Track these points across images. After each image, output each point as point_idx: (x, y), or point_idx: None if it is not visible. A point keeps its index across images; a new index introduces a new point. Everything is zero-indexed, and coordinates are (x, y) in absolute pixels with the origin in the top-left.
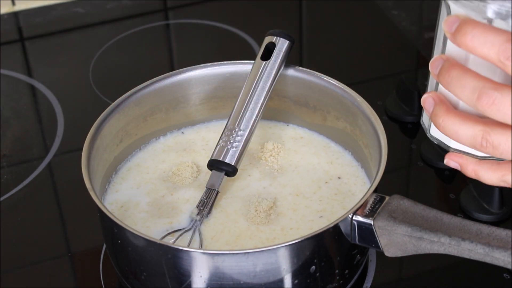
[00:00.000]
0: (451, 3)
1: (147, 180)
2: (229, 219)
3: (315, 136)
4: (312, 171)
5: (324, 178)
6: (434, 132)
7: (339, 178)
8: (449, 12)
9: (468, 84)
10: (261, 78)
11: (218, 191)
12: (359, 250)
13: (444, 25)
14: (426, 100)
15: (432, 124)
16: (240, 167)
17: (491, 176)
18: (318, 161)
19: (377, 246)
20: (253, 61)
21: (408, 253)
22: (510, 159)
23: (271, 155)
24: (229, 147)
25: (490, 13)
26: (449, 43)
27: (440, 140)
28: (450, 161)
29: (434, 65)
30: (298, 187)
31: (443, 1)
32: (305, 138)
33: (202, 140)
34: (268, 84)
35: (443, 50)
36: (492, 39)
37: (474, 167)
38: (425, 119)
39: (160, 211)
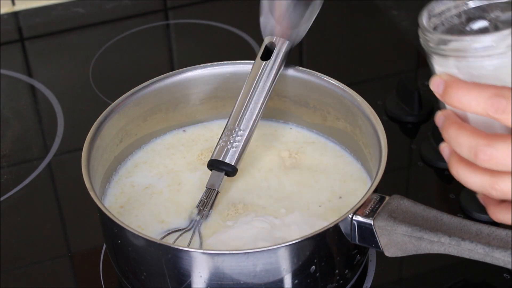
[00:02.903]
0: (433, 62)
1: (147, 180)
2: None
3: (315, 136)
4: (312, 171)
5: (324, 178)
6: None
7: (338, 178)
8: (433, 69)
9: (464, 143)
10: (261, 78)
11: (218, 191)
12: (359, 250)
13: (431, 87)
14: (443, 149)
15: None
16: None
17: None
18: (317, 161)
19: (377, 246)
20: (253, 61)
21: (408, 253)
22: None
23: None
24: (229, 147)
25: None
26: None
27: None
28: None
29: (437, 122)
30: (298, 187)
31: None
32: (304, 138)
33: (202, 140)
34: (268, 84)
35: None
36: (476, 97)
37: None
38: None
39: (160, 211)
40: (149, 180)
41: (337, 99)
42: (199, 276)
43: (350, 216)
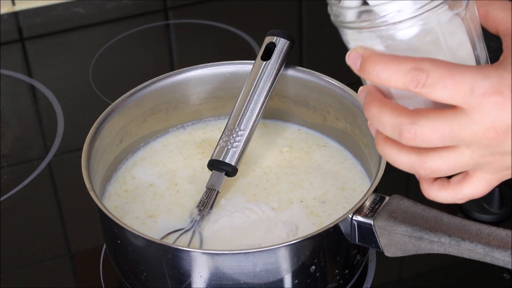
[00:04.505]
0: (346, 37)
1: (147, 180)
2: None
3: (315, 136)
4: (312, 171)
5: (324, 178)
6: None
7: (338, 178)
8: (348, 44)
9: (387, 122)
10: (261, 78)
11: (218, 191)
12: (359, 250)
13: (347, 62)
14: (370, 125)
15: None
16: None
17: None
18: (318, 161)
19: (377, 246)
20: (253, 61)
21: (408, 253)
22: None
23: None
24: (229, 147)
25: (379, 45)
26: None
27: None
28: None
29: (360, 97)
30: (297, 185)
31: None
32: (304, 138)
33: (202, 140)
34: (268, 84)
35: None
36: (395, 72)
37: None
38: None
39: (160, 211)
40: (149, 179)
41: (337, 99)
42: (199, 276)
43: (350, 216)
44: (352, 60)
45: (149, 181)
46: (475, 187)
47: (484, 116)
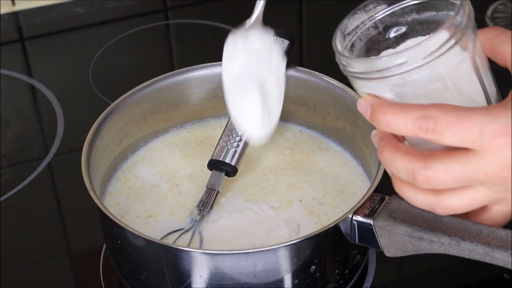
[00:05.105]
0: (356, 85)
1: (147, 180)
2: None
3: (315, 136)
4: (312, 171)
5: (324, 178)
6: None
7: (339, 178)
8: (358, 91)
9: (400, 167)
10: None
11: (218, 191)
12: (359, 250)
13: (359, 110)
14: (386, 168)
15: None
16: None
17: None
18: (318, 161)
19: (377, 246)
20: None
21: (408, 253)
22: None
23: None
24: (229, 147)
25: (388, 92)
26: None
27: None
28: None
29: (374, 141)
30: (296, 184)
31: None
32: (304, 138)
33: (202, 140)
34: None
35: None
36: (404, 120)
37: None
38: None
39: (160, 211)
40: (149, 179)
41: (337, 99)
42: (199, 276)
43: (350, 216)
44: (363, 108)
45: (149, 180)
46: (492, 220)
47: (496, 157)
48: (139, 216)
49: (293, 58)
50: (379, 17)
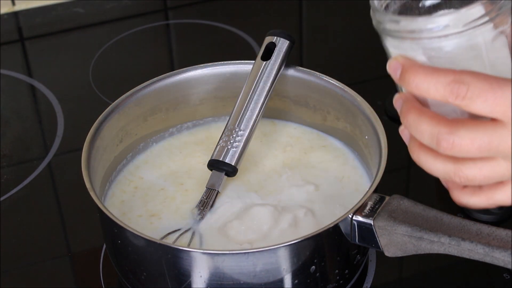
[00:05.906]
0: (388, 45)
1: (146, 180)
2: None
3: (315, 136)
4: (312, 170)
5: (324, 178)
6: None
7: (339, 178)
8: (388, 52)
9: (425, 131)
10: (261, 78)
11: (218, 191)
12: (359, 250)
13: (388, 71)
14: (403, 132)
15: None
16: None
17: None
18: (318, 161)
19: (377, 246)
20: (253, 61)
21: (408, 253)
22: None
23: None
24: (229, 147)
25: (421, 56)
26: None
27: None
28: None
29: (396, 105)
30: (296, 184)
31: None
32: (305, 138)
33: (202, 140)
34: (268, 84)
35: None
36: (435, 84)
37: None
38: None
39: (160, 210)
40: (149, 179)
41: (337, 99)
42: (199, 276)
43: (350, 216)
44: (393, 69)
45: (149, 180)
46: (507, 195)
47: None
48: (139, 216)
49: (293, 58)
50: None
